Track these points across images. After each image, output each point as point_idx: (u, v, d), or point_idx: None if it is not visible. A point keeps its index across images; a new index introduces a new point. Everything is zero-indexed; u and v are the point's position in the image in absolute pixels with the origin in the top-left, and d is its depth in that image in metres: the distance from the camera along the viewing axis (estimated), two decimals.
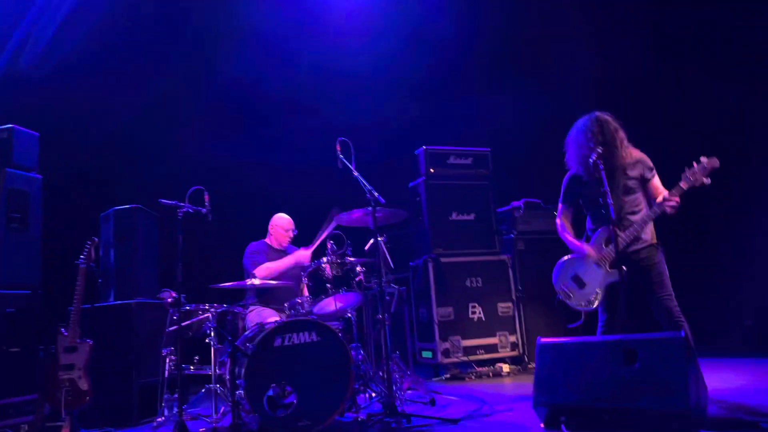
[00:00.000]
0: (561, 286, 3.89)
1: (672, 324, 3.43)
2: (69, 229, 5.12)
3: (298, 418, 3.39)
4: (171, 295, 3.93)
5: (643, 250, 3.59)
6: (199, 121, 6.78)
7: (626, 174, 3.61)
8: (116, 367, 4.40)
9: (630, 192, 3.62)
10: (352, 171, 4.02)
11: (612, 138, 3.59)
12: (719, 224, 6.23)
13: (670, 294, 3.52)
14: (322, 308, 4.16)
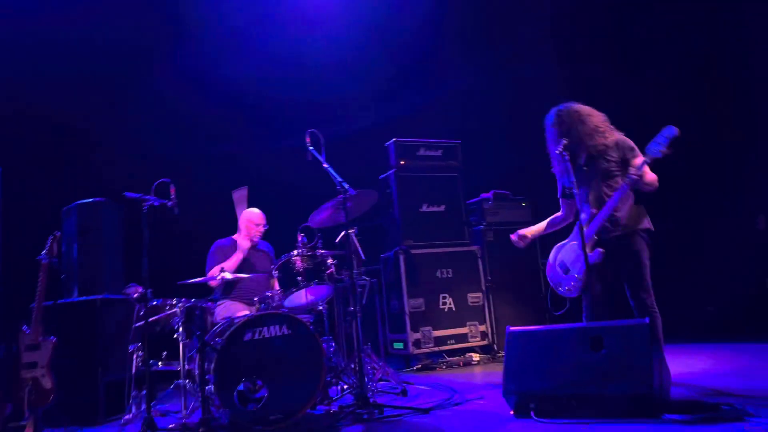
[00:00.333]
0: (551, 275, 3.86)
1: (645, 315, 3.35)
2: (30, 224, 4.96)
3: (269, 412, 3.37)
4: (137, 290, 3.86)
5: (624, 237, 3.54)
6: (165, 112, 6.63)
7: (605, 158, 3.58)
8: (81, 364, 4.31)
9: (610, 176, 3.57)
10: (321, 162, 4.00)
11: (575, 126, 3.59)
12: (680, 210, 6.39)
13: (648, 286, 3.49)
14: (293, 301, 4.13)
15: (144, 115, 6.60)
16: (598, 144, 3.59)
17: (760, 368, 4.08)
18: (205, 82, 6.84)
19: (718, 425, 2.57)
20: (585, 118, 3.63)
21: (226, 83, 6.87)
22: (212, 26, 6.72)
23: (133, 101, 6.58)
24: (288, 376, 3.47)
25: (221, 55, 6.79)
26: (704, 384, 3.57)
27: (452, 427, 3.09)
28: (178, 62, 6.71)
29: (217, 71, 6.85)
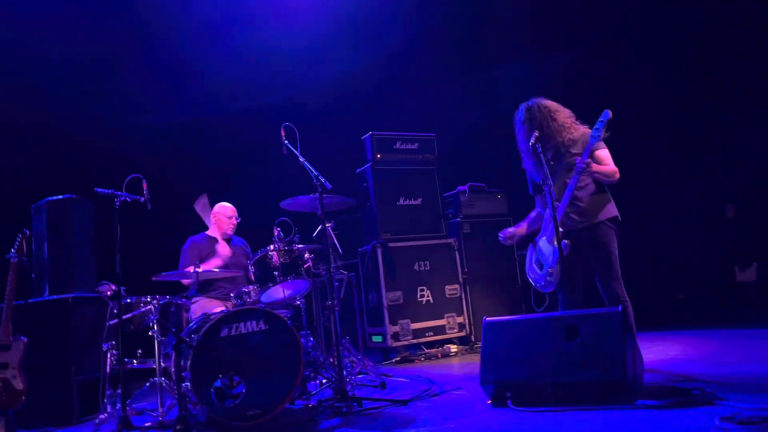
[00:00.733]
0: (529, 272, 3.92)
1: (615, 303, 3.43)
2: None
3: (247, 408, 3.35)
4: (110, 288, 3.79)
5: (591, 228, 3.59)
6: (136, 108, 6.52)
7: (570, 152, 3.66)
8: (54, 364, 4.22)
9: (573, 169, 3.58)
10: (297, 157, 3.97)
11: (545, 120, 3.65)
12: (650, 199, 6.51)
13: (617, 275, 3.53)
14: (271, 296, 4.11)
15: (116, 113, 6.49)
16: (565, 139, 3.66)
17: (729, 354, 4.19)
18: (176, 78, 6.75)
19: (689, 409, 2.63)
20: (554, 113, 3.69)
21: (199, 79, 6.79)
22: (182, 23, 6.61)
23: (104, 99, 6.46)
24: (266, 372, 3.45)
25: (192, 53, 6.70)
26: (676, 370, 3.65)
27: (430, 418, 3.11)
28: (149, 60, 6.61)
29: (190, 68, 6.76)
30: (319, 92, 7.19)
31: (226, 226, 4.57)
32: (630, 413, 2.68)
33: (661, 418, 2.56)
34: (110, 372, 3.69)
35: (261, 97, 6.99)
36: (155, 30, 6.55)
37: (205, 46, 6.74)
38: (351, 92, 7.35)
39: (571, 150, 3.66)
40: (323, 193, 3.85)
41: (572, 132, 3.68)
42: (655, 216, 6.51)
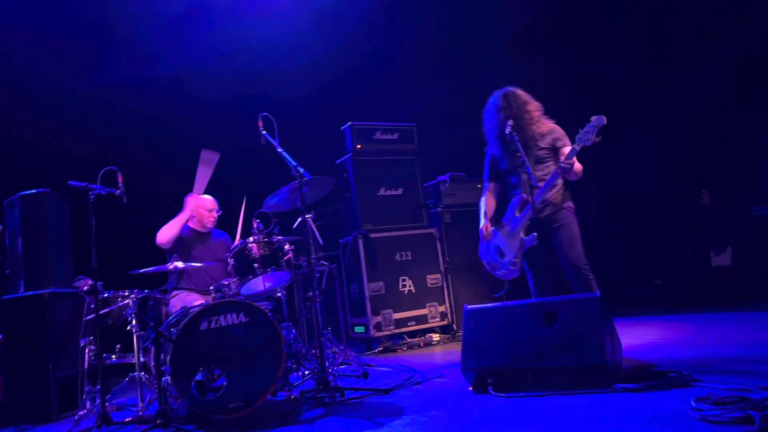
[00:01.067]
0: (486, 258, 4.04)
1: (581, 281, 3.60)
2: None
3: (229, 401, 3.33)
4: (87, 283, 3.74)
5: (553, 213, 3.73)
6: (110, 98, 6.40)
7: (537, 145, 3.75)
8: (31, 361, 4.16)
9: (541, 161, 3.77)
10: (276, 147, 3.94)
11: (520, 111, 3.72)
12: (627, 186, 6.58)
13: (579, 253, 3.66)
14: (251, 288, 4.08)
15: (89, 106, 6.35)
16: (535, 133, 3.75)
17: (705, 337, 4.27)
18: (150, 71, 6.63)
19: (666, 391, 2.68)
20: (527, 105, 3.77)
21: (173, 70, 6.67)
22: (152, 13, 6.48)
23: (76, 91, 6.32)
24: (247, 364, 3.43)
25: (165, 45, 6.57)
26: (654, 354, 3.72)
27: (412, 406, 3.12)
28: (122, 50, 6.48)
29: (163, 61, 6.63)
30: (296, 83, 7.12)
31: (206, 219, 4.52)
32: (608, 397, 2.72)
33: (638, 400, 2.60)
34: (89, 368, 3.65)
35: (237, 87, 6.91)
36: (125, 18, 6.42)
37: (173, 38, 6.61)
38: (329, 83, 7.30)
39: (539, 143, 3.76)
40: (302, 184, 3.82)
41: (541, 126, 3.78)
42: (631, 203, 6.59)
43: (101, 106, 6.40)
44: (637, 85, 6.39)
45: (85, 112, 6.32)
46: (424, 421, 2.79)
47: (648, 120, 6.32)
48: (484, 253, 4.05)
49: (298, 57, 7.14)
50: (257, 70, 7.04)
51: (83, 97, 6.33)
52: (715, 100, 5.94)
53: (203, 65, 6.75)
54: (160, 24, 6.47)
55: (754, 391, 2.31)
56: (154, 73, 6.63)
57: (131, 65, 6.53)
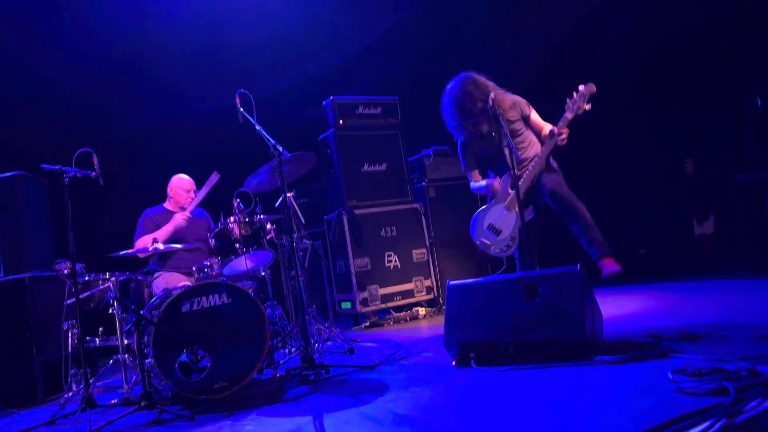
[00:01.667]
0: (480, 238, 4.07)
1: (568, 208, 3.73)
2: None
3: (214, 381, 3.34)
4: (67, 266, 3.70)
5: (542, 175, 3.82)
6: (83, 76, 6.25)
7: (508, 119, 3.82)
8: (14, 345, 4.14)
9: (517, 134, 3.87)
10: (254, 125, 3.87)
11: (487, 90, 3.78)
12: (610, 155, 6.58)
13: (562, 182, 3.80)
14: (233, 269, 4.06)
15: (62, 85, 6.20)
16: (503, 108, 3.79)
17: (687, 306, 4.32)
18: (125, 45, 6.46)
19: (645, 363, 2.71)
20: (487, 85, 3.84)
21: (148, 47, 6.51)
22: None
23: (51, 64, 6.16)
24: (231, 344, 3.43)
25: (142, 19, 6.40)
26: (635, 324, 3.76)
27: (396, 381, 3.15)
28: (96, 20, 6.29)
29: (141, 34, 6.47)
30: (277, 57, 7.00)
31: (183, 200, 4.46)
32: (588, 369, 2.75)
33: (618, 372, 2.63)
34: (72, 351, 3.63)
35: (216, 62, 6.77)
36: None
37: (152, 12, 6.44)
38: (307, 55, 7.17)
39: (509, 117, 3.84)
40: (282, 162, 3.77)
41: (504, 99, 3.85)
42: (614, 172, 6.59)
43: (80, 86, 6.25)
44: (618, 52, 6.33)
45: (59, 94, 6.17)
46: (407, 396, 2.81)
47: (630, 87, 6.29)
48: (476, 233, 4.06)
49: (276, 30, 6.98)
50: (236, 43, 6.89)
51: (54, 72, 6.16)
52: (699, 67, 5.91)
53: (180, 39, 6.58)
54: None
55: (730, 362, 2.34)
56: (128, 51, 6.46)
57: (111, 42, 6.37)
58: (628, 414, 2.07)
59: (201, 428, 2.78)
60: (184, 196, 4.46)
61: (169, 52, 6.54)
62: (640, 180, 6.54)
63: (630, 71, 6.32)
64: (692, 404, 2.01)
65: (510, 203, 3.90)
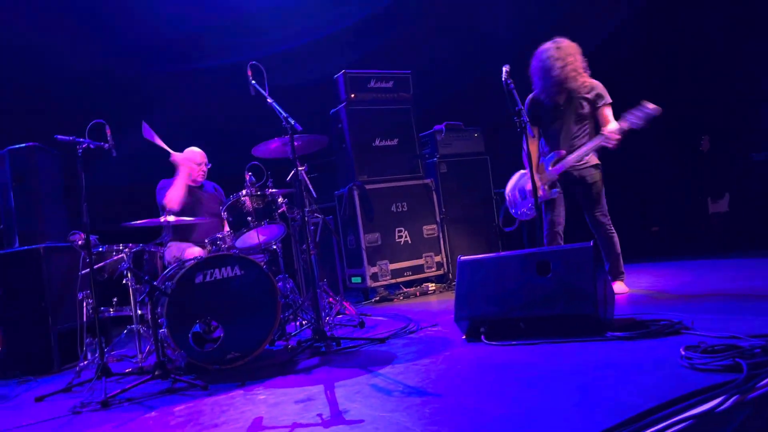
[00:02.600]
0: (511, 193, 4.24)
1: (605, 236, 3.98)
2: None
3: (226, 351, 3.38)
4: (81, 237, 3.72)
5: (585, 170, 4.01)
6: (96, 49, 6.22)
7: (580, 102, 3.90)
8: (30, 315, 4.21)
9: (581, 120, 3.96)
10: (266, 98, 3.84)
11: (572, 62, 3.83)
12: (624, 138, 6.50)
13: (605, 210, 3.99)
14: (245, 242, 4.07)
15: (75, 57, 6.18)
16: (582, 84, 3.88)
17: (699, 284, 4.29)
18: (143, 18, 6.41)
19: (657, 339, 2.70)
20: (578, 55, 3.87)
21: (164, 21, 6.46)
22: None
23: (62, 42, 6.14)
24: (243, 316, 3.47)
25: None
26: (647, 301, 3.75)
27: (406, 354, 3.17)
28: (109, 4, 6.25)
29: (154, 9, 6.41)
30: (288, 28, 6.92)
31: (195, 173, 4.47)
32: (600, 345, 2.75)
33: (629, 348, 2.63)
34: (87, 321, 3.68)
35: (227, 34, 6.71)
36: None
37: None
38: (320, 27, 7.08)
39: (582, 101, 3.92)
40: (294, 135, 3.75)
41: (586, 81, 3.90)
42: (629, 149, 6.51)
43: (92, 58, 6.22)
44: (636, 29, 6.21)
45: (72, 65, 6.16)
46: (418, 368, 2.83)
47: (646, 62, 6.18)
48: (510, 187, 4.23)
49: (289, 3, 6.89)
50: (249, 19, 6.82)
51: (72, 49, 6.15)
52: (717, 44, 5.79)
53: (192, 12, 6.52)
54: None
55: (743, 339, 2.33)
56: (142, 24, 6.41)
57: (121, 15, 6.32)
58: (639, 388, 2.07)
59: (214, 397, 2.82)
60: (196, 169, 4.47)
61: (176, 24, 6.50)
62: (654, 157, 6.46)
63: (646, 46, 6.21)
64: (704, 380, 2.01)
65: (544, 180, 4.02)
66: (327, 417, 2.27)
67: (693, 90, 6.14)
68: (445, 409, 2.19)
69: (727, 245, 5.62)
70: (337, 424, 2.16)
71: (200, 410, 2.61)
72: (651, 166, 6.47)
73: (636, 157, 6.49)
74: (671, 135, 6.38)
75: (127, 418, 2.66)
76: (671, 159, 6.38)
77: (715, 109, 6.10)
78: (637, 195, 6.37)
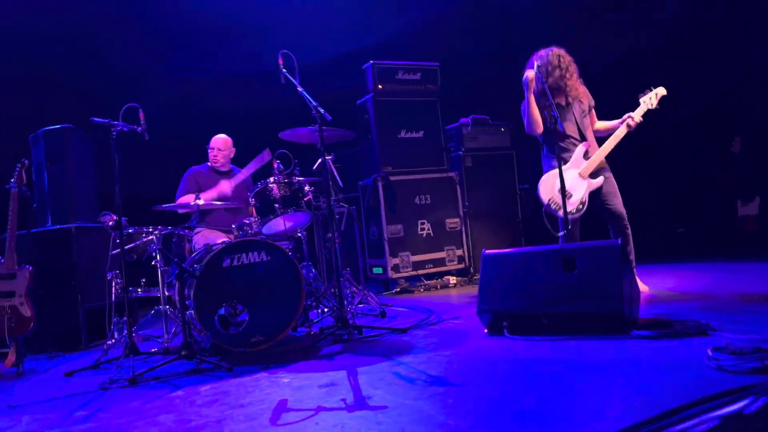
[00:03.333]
0: (549, 196, 4.09)
1: (620, 228, 4.02)
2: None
3: (251, 335, 3.44)
4: (112, 218, 3.80)
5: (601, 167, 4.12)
6: (134, 34, 6.31)
7: (581, 102, 4.17)
8: (61, 292, 4.32)
9: (584, 116, 4.18)
10: (296, 86, 3.87)
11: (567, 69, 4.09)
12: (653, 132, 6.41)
13: (621, 202, 4.07)
14: (271, 228, 4.12)
15: (111, 41, 6.28)
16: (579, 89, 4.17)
17: (726, 286, 4.24)
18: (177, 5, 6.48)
19: (682, 339, 2.69)
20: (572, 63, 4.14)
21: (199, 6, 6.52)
22: None
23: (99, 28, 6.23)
24: (268, 301, 3.52)
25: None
26: (672, 302, 3.71)
27: (428, 344, 3.19)
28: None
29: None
30: (318, 20, 6.93)
31: (212, 156, 4.56)
32: (624, 343, 2.74)
33: (655, 348, 2.61)
34: (115, 300, 3.77)
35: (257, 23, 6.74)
36: None
37: None
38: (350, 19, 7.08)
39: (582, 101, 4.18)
40: (323, 125, 3.78)
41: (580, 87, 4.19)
42: (658, 149, 6.43)
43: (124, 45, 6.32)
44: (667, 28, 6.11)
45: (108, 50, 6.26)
46: (440, 358, 2.85)
47: (678, 62, 6.08)
48: (545, 192, 4.10)
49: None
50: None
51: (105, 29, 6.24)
52: (749, 43, 5.67)
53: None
54: None
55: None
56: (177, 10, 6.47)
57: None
58: (665, 387, 2.06)
59: (239, 378, 2.88)
60: (213, 154, 4.55)
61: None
62: (684, 157, 6.37)
63: (679, 45, 6.10)
64: (732, 382, 2.00)
65: (583, 171, 4.07)
66: (351, 402, 2.30)
67: (725, 90, 6.03)
68: (468, 399, 2.21)
69: (757, 248, 5.52)
70: (361, 409, 2.19)
71: (226, 391, 2.67)
72: (680, 167, 6.37)
73: (665, 158, 6.42)
74: (702, 136, 6.27)
75: (154, 395, 2.73)
76: (701, 160, 6.28)
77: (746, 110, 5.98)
78: (664, 196, 6.29)
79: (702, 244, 5.95)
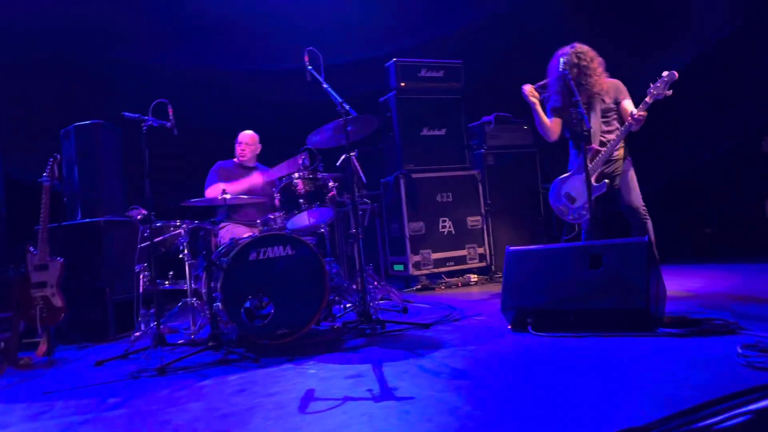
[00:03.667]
0: (557, 204, 4.21)
1: (639, 222, 3.92)
2: (29, 147, 4.93)
3: (276, 327, 3.48)
4: (140, 212, 3.88)
5: (616, 162, 4.02)
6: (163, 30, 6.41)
7: (603, 100, 4.01)
8: (90, 284, 4.41)
9: (606, 115, 4.04)
10: (321, 83, 3.91)
11: (588, 66, 3.94)
12: (681, 131, 6.35)
13: (639, 195, 3.99)
14: (296, 223, 4.17)
15: (140, 37, 6.39)
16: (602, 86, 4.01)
17: (754, 287, 4.18)
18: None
19: (711, 338, 2.66)
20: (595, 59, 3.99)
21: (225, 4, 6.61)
22: None
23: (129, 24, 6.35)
24: (293, 294, 3.56)
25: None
26: (699, 301, 3.67)
27: (452, 340, 3.20)
28: None
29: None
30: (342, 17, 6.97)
31: (239, 152, 4.63)
32: (651, 341, 2.73)
33: (682, 345, 2.59)
34: (143, 292, 3.84)
35: (282, 21, 6.81)
36: None
37: None
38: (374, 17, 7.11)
39: (605, 98, 4.02)
40: (347, 121, 3.80)
41: (605, 81, 4.01)
42: (686, 148, 6.35)
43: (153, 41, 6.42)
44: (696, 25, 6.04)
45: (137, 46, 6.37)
46: (464, 353, 2.86)
47: (708, 59, 6.00)
48: (555, 200, 4.23)
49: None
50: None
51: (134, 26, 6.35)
52: None
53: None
54: None
55: None
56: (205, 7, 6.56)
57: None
58: (693, 383, 2.05)
59: (266, 369, 2.92)
60: (240, 148, 4.63)
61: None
62: (711, 156, 6.28)
63: (709, 43, 6.02)
64: (762, 379, 1.98)
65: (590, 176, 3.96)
66: (377, 393, 2.32)
67: (755, 89, 5.93)
68: (493, 392, 2.22)
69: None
70: (387, 399, 2.22)
71: (254, 380, 2.71)
72: (708, 167, 6.29)
73: (693, 158, 6.34)
74: (730, 135, 6.18)
75: (183, 384, 2.78)
76: (729, 160, 6.19)
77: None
78: (691, 196, 6.21)
79: (730, 245, 5.87)
